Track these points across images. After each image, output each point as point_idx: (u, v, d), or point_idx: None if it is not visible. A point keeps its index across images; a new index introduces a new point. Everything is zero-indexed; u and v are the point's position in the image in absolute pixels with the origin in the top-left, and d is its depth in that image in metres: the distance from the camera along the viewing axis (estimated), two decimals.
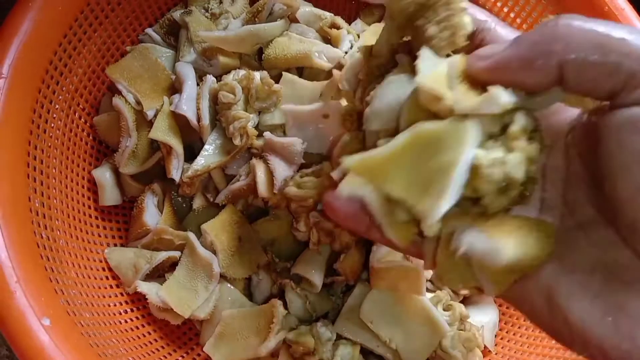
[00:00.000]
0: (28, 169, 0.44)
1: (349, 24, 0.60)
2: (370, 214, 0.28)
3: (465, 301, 0.52)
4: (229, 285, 0.50)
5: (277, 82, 0.51)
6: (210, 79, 0.51)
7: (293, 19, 0.56)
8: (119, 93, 0.51)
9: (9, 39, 0.44)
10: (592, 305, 0.24)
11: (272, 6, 0.54)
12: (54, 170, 0.47)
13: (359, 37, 0.57)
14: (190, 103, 0.50)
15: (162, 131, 0.49)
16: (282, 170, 0.47)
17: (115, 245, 0.53)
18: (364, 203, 0.27)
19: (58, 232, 0.46)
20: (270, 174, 0.47)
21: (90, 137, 0.53)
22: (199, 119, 0.50)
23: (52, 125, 0.48)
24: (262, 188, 0.47)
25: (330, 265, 0.50)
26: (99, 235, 0.51)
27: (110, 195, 0.52)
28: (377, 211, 0.27)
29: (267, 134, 0.48)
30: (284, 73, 0.51)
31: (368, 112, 0.30)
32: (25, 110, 0.45)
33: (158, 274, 0.51)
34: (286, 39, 0.53)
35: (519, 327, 0.51)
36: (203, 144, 0.51)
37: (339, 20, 0.56)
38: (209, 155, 0.50)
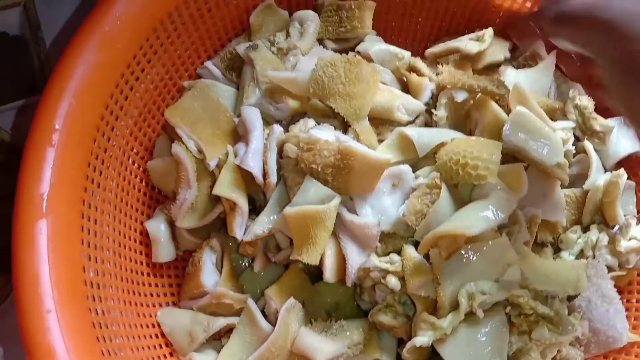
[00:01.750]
0: (82, 233, 0.39)
1: (423, 58, 0.54)
2: None
3: None
4: None
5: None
6: (277, 130, 0.46)
7: (366, 58, 0.51)
8: (178, 138, 0.47)
9: (62, 87, 0.39)
10: None
11: None
12: (107, 229, 0.43)
13: (437, 76, 0.52)
14: (257, 157, 0.45)
15: (227, 187, 0.44)
16: (355, 255, 0.43)
17: (168, 304, 0.48)
18: None
19: (112, 302, 0.41)
20: (341, 258, 0.42)
21: (143, 183, 0.49)
22: (264, 174, 0.45)
23: (106, 176, 0.43)
24: (330, 274, 0.43)
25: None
26: (151, 295, 0.47)
27: (164, 251, 0.47)
28: None
29: (340, 210, 0.43)
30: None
31: None
32: (81, 165, 0.40)
33: (214, 337, 0.47)
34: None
35: None
36: (265, 197, 0.46)
37: (419, 63, 0.50)
38: (272, 217, 0.45)
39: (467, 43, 0.53)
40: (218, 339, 0.47)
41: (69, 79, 0.39)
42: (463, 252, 0.41)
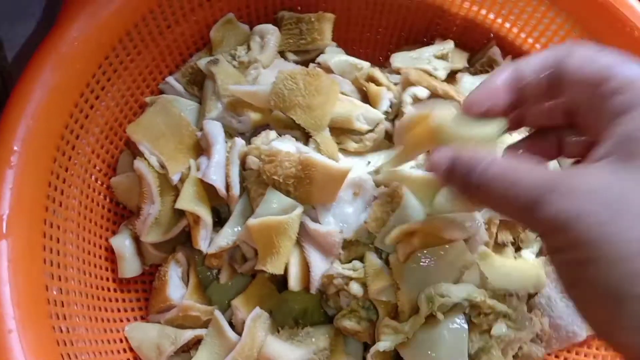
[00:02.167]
0: (44, 252, 0.40)
1: (384, 67, 0.56)
2: None
3: None
4: None
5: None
6: (239, 143, 0.46)
7: (326, 69, 0.52)
8: (140, 154, 0.47)
9: (21, 108, 0.39)
10: None
11: None
12: (70, 247, 0.43)
13: (396, 86, 0.53)
14: (220, 170, 0.45)
15: (190, 200, 0.45)
16: (319, 262, 0.44)
17: (136, 318, 0.48)
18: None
19: (77, 319, 0.41)
20: (305, 266, 0.43)
21: (107, 200, 0.49)
22: (227, 187, 0.46)
23: (68, 195, 0.43)
24: (295, 282, 0.44)
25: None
26: (118, 310, 0.47)
27: (130, 266, 0.48)
28: None
29: (302, 218, 0.44)
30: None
31: None
32: (41, 185, 0.40)
33: (182, 350, 0.47)
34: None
35: None
36: (229, 210, 0.47)
37: (377, 73, 0.51)
38: (236, 228, 0.45)
39: (435, 65, 0.54)
40: (187, 351, 0.47)
41: (27, 102, 0.39)
42: (420, 256, 0.42)
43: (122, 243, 0.48)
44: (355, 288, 0.43)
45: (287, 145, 0.45)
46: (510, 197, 0.26)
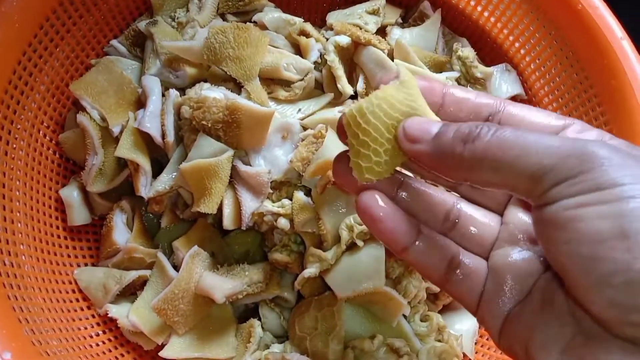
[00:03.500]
0: None
1: (321, 27, 0.59)
2: None
3: (444, 309, 0.52)
4: None
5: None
6: (173, 93, 0.49)
7: (262, 26, 0.55)
8: (84, 109, 0.50)
9: None
10: (560, 358, 0.25)
11: None
12: (17, 193, 0.46)
13: (327, 40, 0.56)
14: (155, 119, 0.48)
15: (128, 149, 0.48)
16: (249, 201, 0.47)
17: (87, 265, 0.52)
18: None
19: (23, 257, 0.44)
20: (238, 206, 0.46)
21: (57, 155, 0.52)
22: (164, 135, 0.49)
23: (15, 146, 0.47)
24: (228, 221, 0.47)
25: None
26: (69, 256, 0.50)
27: (78, 215, 0.51)
28: None
29: (234, 162, 0.47)
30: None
31: None
32: None
33: (130, 292, 0.50)
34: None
35: None
36: (168, 159, 0.50)
37: (308, 27, 0.54)
38: (173, 174, 0.48)
39: (366, 20, 0.57)
40: (134, 294, 0.50)
41: None
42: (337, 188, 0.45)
43: (71, 193, 0.51)
44: (282, 222, 0.46)
45: (215, 93, 0.48)
46: (520, 163, 0.24)
